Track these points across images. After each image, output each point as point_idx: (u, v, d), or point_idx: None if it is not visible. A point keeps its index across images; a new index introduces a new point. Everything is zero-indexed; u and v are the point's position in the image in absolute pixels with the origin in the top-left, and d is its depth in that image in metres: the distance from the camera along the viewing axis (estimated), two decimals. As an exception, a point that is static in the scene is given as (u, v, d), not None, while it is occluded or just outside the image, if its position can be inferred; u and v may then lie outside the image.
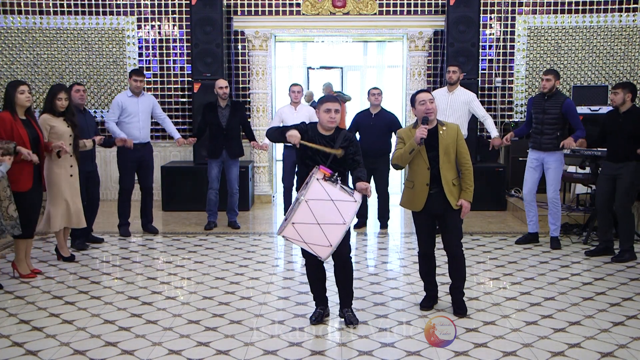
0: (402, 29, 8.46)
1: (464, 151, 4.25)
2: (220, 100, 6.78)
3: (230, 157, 6.85)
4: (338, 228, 3.67)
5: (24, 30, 8.53)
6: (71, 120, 5.45)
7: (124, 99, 6.56)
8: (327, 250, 3.71)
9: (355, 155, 4.05)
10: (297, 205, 3.66)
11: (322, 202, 3.67)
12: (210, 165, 6.88)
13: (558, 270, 5.42)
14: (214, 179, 6.88)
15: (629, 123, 5.53)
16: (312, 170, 3.93)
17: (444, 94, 6.55)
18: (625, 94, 5.56)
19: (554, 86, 5.94)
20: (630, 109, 5.59)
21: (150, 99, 6.79)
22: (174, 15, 8.55)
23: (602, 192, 5.77)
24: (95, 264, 5.69)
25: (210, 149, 6.87)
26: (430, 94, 4.24)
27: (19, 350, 3.75)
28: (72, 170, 5.50)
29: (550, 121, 5.95)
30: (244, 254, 5.96)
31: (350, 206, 3.72)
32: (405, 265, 5.65)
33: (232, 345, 3.80)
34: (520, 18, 8.51)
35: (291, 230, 3.69)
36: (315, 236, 3.68)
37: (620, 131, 5.56)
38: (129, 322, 4.18)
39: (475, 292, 4.75)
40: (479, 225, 6.79)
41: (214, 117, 6.75)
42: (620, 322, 4.18)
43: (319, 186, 3.72)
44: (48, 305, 4.52)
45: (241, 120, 6.90)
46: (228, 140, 6.79)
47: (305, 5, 8.43)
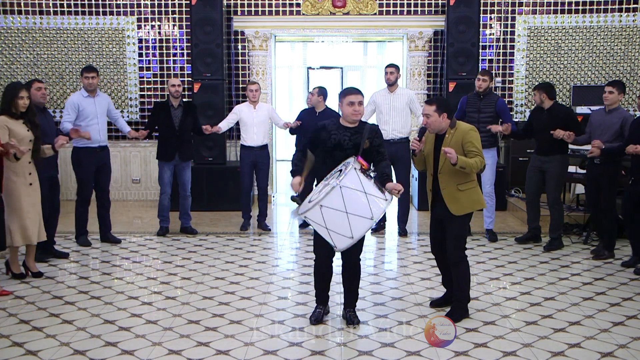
0: (402, 29, 8.46)
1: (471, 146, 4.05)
2: (172, 99, 6.51)
3: (182, 159, 6.60)
4: (364, 222, 3.61)
5: (24, 30, 8.53)
6: (32, 121, 4.96)
7: (80, 100, 6.06)
8: (346, 241, 3.64)
9: (380, 147, 4.05)
10: (330, 189, 3.56)
11: (355, 192, 3.60)
12: (162, 168, 6.59)
13: (558, 270, 5.42)
14: (166, 183, 6.60)
15: (553, 119, 5.87)
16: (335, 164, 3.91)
17: (385, 95, 6.66)
18: (541, 95, 5.99)
19: (488, 86, 6.33)
20: (552, 107, 5.97)
21: (106, 98, 6.36)
22: (174, 15, 8.55)
23: (531, 183, 6.16)
24: (96, 264, 5.69)
25: (162, 151, 6.58)
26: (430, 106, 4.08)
27: (19, 350, 3.74)
28: (31, 179, 4.97)
29: (485, 119, 6.25)
30: (244, 254, 5.96)
31: (380, 203, 3.67)
32: (406, 265, 5.65)
33: (232, 345, 3.79)
34: (520, 18, 8.51)
35: (317, 212, 3.59)
36: (339, 224, 3.60)
37: (546, 127, 5.87)
38: (129, 322, 4.18)
39: (476, 292, 4.74)
40: (479, 225, 6.78)
41: (166, 117, 6.48)
42: (620, 322, 4.18)
43: (355, 175, 3.65)
44: (48, 305, 4.52)
45: (193, 122, 6.64)
46: (180, 142, 6.53)
47: (305, 5, 8.43)
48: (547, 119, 5.92)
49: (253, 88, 6.80)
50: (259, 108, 6.86)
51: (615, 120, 5.68)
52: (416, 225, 7.34)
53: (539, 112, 6.07)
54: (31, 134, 4.95)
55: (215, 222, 7.29)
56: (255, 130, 6.78)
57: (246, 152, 6.84)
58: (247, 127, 6.80)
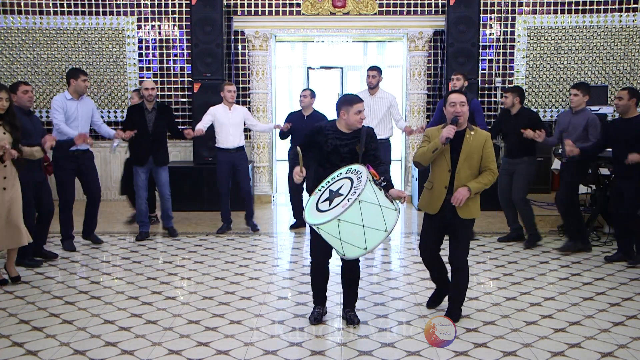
0: (402, 29, 8.47)
1: (490, 157, 4.05)
2: (146, 103, 6.40)
3: (156, 164, 6.48)
4: (378, 234, 3.56)
5: (24, 30, 8.53)
6: (12, 123, 4.79)
7: (64, 101, 5.93)
8: (359, 251, 3.61)
9: (376, 151, 4.04)
10: (350, 203, 3.48)
11: (372, 206, 3.55)
12: (137, 172, 6.47)
13: (558, 270, 5.42)
14: (141, 187, 6.47)
15: (521, 123, 6.01)
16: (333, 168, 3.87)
17: (365, 97, 6.65)
18: (514, 98, 6.12)
19: (463, 86, 6.34)
20: (519, 111, 6.13)
21: (90, 103, 6.21)
22: (174, 15, 8.56)
23: (502, 186, 6.26)
24: (95, 264, 5.69)
25: (135, 155, 6.49)
26: (462, 95, 4.06)
27: (19, 350, 3.74)
28: (5, 183, 4.76)
29: None
30: (244, 254, 5.96)
31: (392, 214, 3.62)
32: (406, 265, 5.65)
33: (232, 345, 3.79)
34: (520, 18, 8.52)
35: (334, 226, 3.53)
36: (355, 237, 3.55)
37: (514, 130, 6.03)
38: (129, 322, 4.18)
39: (476, 292, 4.75)
40: (478, 225, 6.79)
41: (141, 121, 6.35)
42: (620, 322, 4.18)
43: (371, 188, 3.58)
44: (48, 305, 4.52)
45: (168, 124, 6.55)
46: (155, 146, 6.42)
47: (305, 5, 8.43)
48: (515, 122, 6.08)
49: (232, 89, 6.69)
50: (234, 109, 6.74)
51: (581, 121, 5.84)
52: (416, 225, 7.34)
53: (507, 115, 6.24)
54: (9, 136, 4.78)
55: (215, 222, 7.27)
56: (232, 132, 6.68)
57: (223, 154, 6.71)
58: (223, 129, 6.67)
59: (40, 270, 5.40)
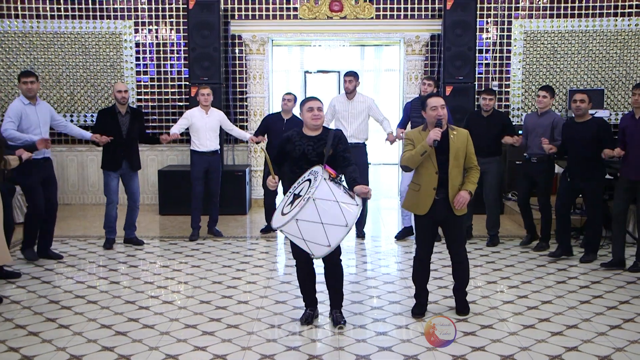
0: (399, 33, 8.48)
1: (473, 155, 4.29)
2: (119, 106, 6.25)
3: (131, 169, 6.37)
4: (340, 230, 3.70)
5: (20, 35, 8.52)
6: None
7: (21, 107, 5.60)
8: (324, 249, 3.74)
9: (345, 153, 4.08)
10: (305, 202, 3.64)
11: (328, 203, 3.70)
12: (108, 177, 6.32)
13: (555, 273, 5.43)
14: (113, 192, 6.33)
15: (493, 125, 6.34)
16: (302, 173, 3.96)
17: (343, 101, 6.71)
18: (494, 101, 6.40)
19: (433, 91, 6.45)
20: (492, 113, 6.40)
21: (47, 106, 5.92)
22: (171, 19, 8.56)
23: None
24: (92, 269, 5.68)
25: (108, 159, 6.30)
26: (441, 99, 4.23)
27: (15, 356, 3.73)
28: None
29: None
30: (241, 258, 5.95)
31: (352, 209, 3.77)
32: (403, 269, 5.64)
33: (229, 350, 3.79)
34: (516, 22, 8.54)
35: (294, 226, 3.69)
36: (316, 235, 3.70)
37: (487, 132, 6.29)
38: (126, 327, 4.17)
39: (473, 296, 4.75)
40: (476, 229, 6.79)
41: (114, 125, 6.19)
42: (618, 326, 4.18)
43: (326, 186, 3.74)
44: (44, 310, 4.51)
45: (140, 129, 6.43)
46: (128, 150, 6.30)
47: (302, 10, 8.44)
48: (487, 124, 6.35)
49: (206, 92, 6.67)
50: (210, 113, 6.73)
51: (546, 122, 6.12)
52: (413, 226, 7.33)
53: (478, 117, 6.46)
54: None
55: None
56: (208, 136, 6.67)
57: (198, 157, 6.69)
58: (200, 132, 6.65)
59: (36, 275, 5.38)
